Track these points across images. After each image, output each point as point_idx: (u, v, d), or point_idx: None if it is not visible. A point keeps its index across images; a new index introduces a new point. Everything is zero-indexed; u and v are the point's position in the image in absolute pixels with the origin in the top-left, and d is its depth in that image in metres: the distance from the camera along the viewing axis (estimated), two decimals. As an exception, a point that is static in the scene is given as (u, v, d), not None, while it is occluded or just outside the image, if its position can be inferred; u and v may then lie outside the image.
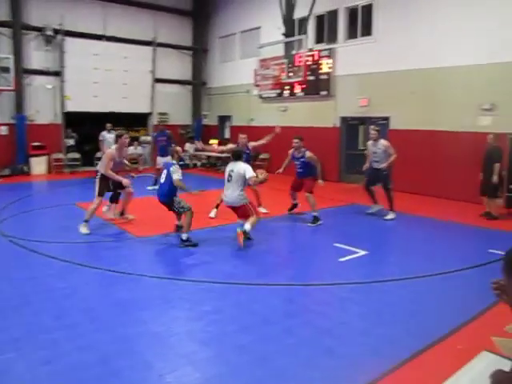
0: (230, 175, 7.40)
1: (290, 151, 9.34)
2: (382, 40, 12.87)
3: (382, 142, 9.36)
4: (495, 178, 9.11)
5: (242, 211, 7.47)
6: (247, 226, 7.12)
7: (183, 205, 7.33)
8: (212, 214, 9.10)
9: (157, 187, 8.19)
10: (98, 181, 8.09)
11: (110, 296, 5.08)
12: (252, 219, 7.28)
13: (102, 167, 8.10)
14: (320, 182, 9.10)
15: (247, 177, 7.26)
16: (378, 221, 9.28)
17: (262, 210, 9.28)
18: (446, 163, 11.35)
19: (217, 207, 9.05)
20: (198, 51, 19.65)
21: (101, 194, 8.04)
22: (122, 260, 6.41)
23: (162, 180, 7.51)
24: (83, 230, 7.78)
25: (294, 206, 9.63)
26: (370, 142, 9.59)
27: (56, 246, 6.94)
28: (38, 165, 15.65)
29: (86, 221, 7.86)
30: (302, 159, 9.12)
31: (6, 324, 4.32)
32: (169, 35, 18.69)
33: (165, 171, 7.52)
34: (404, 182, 12.19)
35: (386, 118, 13.01)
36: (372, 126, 9.90)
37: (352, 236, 7.83)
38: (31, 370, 3.53)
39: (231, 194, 7.38)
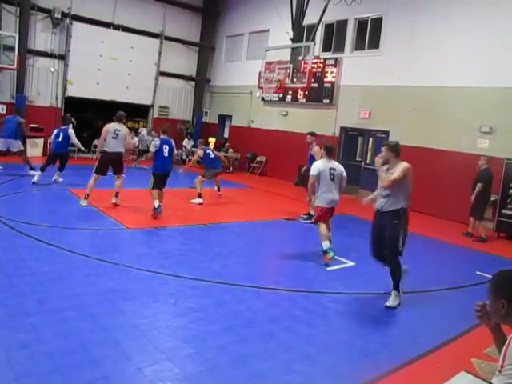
0: (332, 174, 6.78)
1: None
2: (388, 54, 12.94)
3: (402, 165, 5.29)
4: (472, 198, 9.30)
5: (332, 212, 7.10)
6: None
7: None
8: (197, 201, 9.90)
9: None
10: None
11: (95, 284, 5.05)
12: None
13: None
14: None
15: (345, 175, 6.94)
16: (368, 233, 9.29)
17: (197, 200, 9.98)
18: (441, 182, 11.41)
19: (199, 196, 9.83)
20: (205, 48, 19.65)
21: (98, 172, 8.83)
22: (110, 249, 6.37)
23: (166, 154, 8.46)
24: (83, 202, 8.63)
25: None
26: (381, 166, 5.43)
27: (45, 230, 6.90)
28: (35, 147, 15.54)
29: (87, 195, 8.66)
30: (310, 153, 9.33)
31: (-12, 303, 4.28)
32: (177, 29, 18.68)
33: (166, 146, 8.49)
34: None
35: (386, 132, 13.07)
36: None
37: (341, 246, 7.83)
38: (8, 352, 3.50)
39: (336, 194, 6.89)
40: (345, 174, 6.95)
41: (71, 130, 10.82)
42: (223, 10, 19.45)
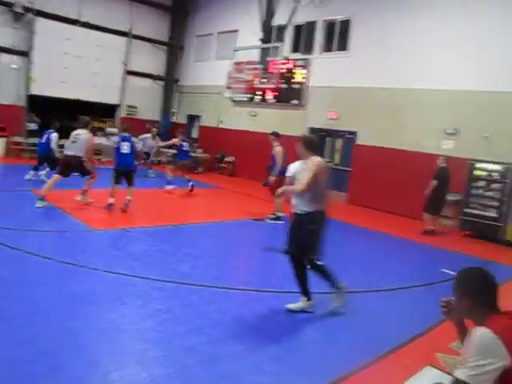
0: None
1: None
2: (356, 56, 13.12)
3: None
4: (426, 192, 9.73)
5: None
6: None
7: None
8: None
9: None
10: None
11: (60, 288, 4.90)
12: None
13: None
14: (270, 178, 9.26)
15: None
16: (334, 233, 9.40)
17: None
18: (405, 182, 11.62)
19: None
20: (174, 47, 19.48)
21: (59, 173, 8.86)
22: (77, 252, 6.22)
23: (126, 151, 8.80)
24: (39, 204, 8.40)
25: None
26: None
27: (8, 232, 6.67)
28: (-2, 147, 15.04)
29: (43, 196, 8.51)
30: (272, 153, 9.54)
31: None
32: (145, 28, 18.44)
33: (126, 143, 8.85)
34: (361, 196, 12.50)
35: (353, 133, 13.25)
36: None
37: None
38: (-33, 359, 3.37)
39: None
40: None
41: (54, 135, 10.84)
42: (192, 10, 19.32)
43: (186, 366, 3.61)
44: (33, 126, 16.03)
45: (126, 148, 8.87)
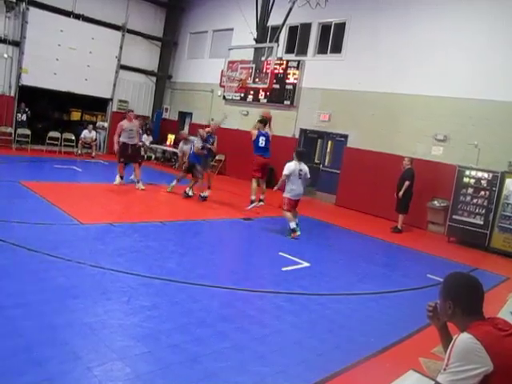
0: (300, 174, 8.44)
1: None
2: (350, 59, 13.18)
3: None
4: (401, 194, 10.25)
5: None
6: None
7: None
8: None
9: None
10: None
11: (44, 281, 4.86)
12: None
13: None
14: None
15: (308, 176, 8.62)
16: (324, 234, 9.45)
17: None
18: (394, 186, 11.65)
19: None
20: (168, 43, 19.40)
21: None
22: (63, 245, 6.16)
23: None
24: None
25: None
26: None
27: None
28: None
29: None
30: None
31: None
32: (140, 23, 18.34)
33: None
34: (350, 198, 12.56)
35: (345, 136, 13.30)
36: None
37: (297, 247, 7.92)
38: None
39: (302, 189, 8.59)
40: (308, 175, 8.63)
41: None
42: (188, 6, 19.25)
43: (171, 364, 3.60)
44: (22, 117, 15.86)
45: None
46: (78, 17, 16.46)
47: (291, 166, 8.39)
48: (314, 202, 13.61)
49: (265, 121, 10.49)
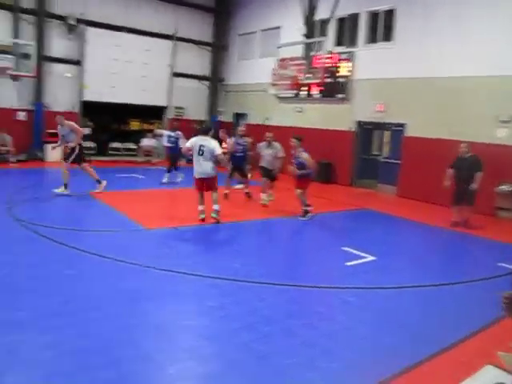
0: (201, 150, 7.97)
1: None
2: (402, 46, 12.80)
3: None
4: (475, 186, 9.04)
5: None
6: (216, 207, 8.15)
7: None
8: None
9: None
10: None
11: (116, 286, 5.11)
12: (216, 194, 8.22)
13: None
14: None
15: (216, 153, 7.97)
16: (388, 226, 9.25)
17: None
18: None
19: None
20: (218, 47, 19.70)
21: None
22: (130, 251, 6.43)
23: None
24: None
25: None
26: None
27: (65, 232, 7.00)
28: (54, 152, 15.73)
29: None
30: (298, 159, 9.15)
31: (14, 306, 4.38)
32: (189, 30, 18.76)
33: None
34: (412, 188, 12.19)
35: (402, 125, 12.94)
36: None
37: (361, 241, 7.80)
38: (35, 352, 3.59)
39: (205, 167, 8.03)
40: (217, 151, 8.01)
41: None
42: (234, 9, 19.45)
43: (240, 363, 3.67)
44: (86, 131, 16.69)
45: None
46: (130, 31, 17.10)
47: (192, 139, 8.16)
48: (375, 194, 13.35)
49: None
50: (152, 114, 18.85)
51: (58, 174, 10.40)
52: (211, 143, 8.04)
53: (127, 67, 16.94)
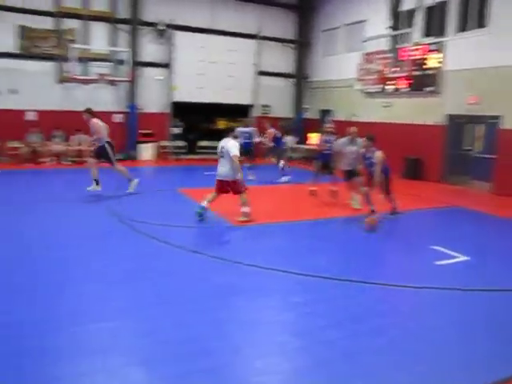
0: (221, 151, 8.04)
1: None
2: (497, 32, 11.95)
3: None
4: None
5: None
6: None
7: None
8: None
9: None
10: None
11: (206, 280, 5.34)
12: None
13: None
14: None
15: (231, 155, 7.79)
16: (482, 226, 8.75)
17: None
18: None
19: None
20: (302, 44, 19.68)
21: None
22: (220, 246, 6.69)
23: None
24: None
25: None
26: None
27: (157, 228, 7.39)
28: (146, 151, 16.78)
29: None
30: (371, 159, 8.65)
31: (114, 295, 4.78)
32: (273, 28, 18.93)
33: None
34: (510, 185, 11.43)
35: (496, 117, 12.14)
36: None
37: (452, 239, 7.46)
38: (132, 339, 3.92)
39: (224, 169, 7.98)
40: (232, 152, 7.80)
41: None
42: (317, 5, 19.30)
43: (326, 360, 3.71)
44: (177, 130, 17.57)
45: None
46: (215, 32, 17.65)
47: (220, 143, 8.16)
48: (466, 191, 12.65)
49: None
50: (238, 112, 19.27)
51: (148, 171, 11.05)
52: (228, 144, 7.95)
53: (213, 68, 17.47)
